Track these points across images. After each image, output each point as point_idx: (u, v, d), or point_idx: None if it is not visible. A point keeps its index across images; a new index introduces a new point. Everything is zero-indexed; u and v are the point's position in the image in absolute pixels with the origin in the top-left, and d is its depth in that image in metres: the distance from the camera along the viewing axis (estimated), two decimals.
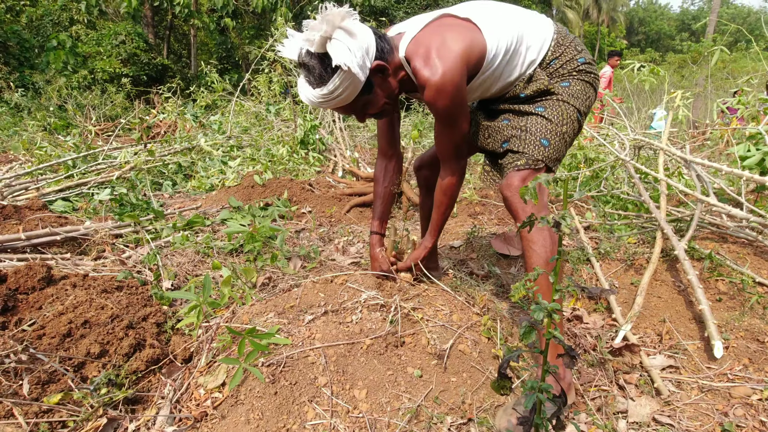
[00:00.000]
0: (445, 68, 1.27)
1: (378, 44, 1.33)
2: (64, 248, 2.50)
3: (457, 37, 1.33)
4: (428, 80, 1.29)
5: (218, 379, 1.32)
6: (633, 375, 1.53)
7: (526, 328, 0.72)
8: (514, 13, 1.46)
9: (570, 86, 1.43)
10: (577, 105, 1.43)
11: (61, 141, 5.04)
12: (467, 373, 1.40)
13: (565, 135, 1.41)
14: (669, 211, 2.44)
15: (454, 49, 1.30)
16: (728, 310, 1.77)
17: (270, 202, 3.25)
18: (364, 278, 1.72)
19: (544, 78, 1.42)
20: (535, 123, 1.40)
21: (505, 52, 1.38)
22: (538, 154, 1.37)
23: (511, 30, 1.39)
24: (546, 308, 0.71)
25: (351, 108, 1.41)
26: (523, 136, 1.40)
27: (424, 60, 1.30)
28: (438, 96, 1.30)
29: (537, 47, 1.43)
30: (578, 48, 1.47)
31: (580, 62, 1.45)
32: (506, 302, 1.92)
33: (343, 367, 1.33)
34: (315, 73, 1.30)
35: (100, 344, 1.34)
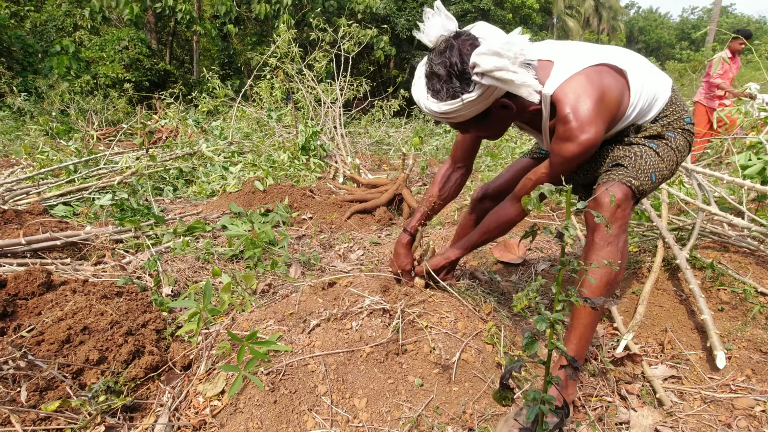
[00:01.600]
0: (597, 129, 1.20)
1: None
2: (65, 253, 2.50)
3: (615, 95, 1.26)
4: (578, 137, 1.20)
5: (217, 387, 1.31)
6: (635, 385, 1.52)
7: (528, 338, 0.72)
8: (654, 74, 1.43)
9: (675, 138, 1.42)
10: (678, 158, 1.42)
11: (63, 146, 5.05)
12: (469, 382, 1.39)
13: (664, 179, 1.39)
14: (670, 220, 2.43)
15: (610, 108, 1.24)
16: (730, 320, 1.77)
17: (271, 208, 3.25)
18: (368, 282, 1.72)
19: (656, 127, 1.41)
20: (648, 154, 1.36)
21: (639, 110, 1.37)
22: (645, 185, 1.32)
23: (650, 91, 1.37)
24: (548, 318, 0.71)
25: (455, 125, 1.34)
26: (636, 160, 1.35)
27: (581, 114, 1.20)
28: (578, 153, 1.22)
29: (658, 105, 1.41)
30: (685, 108, 1.46)
31: (686, 122, 1.44)
32: (508, 310, 1.92)
33: (343, 376, 1.32)
34: (436, 83, 1.21)
35: (99, 351, 1.34)
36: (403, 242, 1.75)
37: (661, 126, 1.42)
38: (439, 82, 1.20)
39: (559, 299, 0.73)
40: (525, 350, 0.72)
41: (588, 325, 1.28)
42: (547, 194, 0.68)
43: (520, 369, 0.76)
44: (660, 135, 1.41)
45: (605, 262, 1.22)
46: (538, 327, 0.69)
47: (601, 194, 1.28)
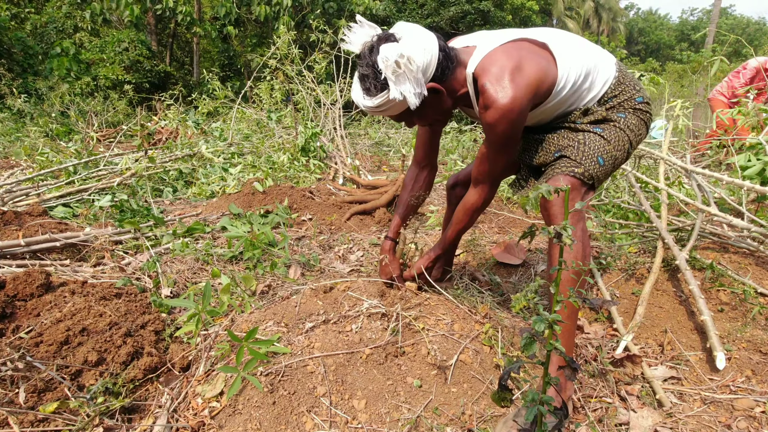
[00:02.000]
0: (515, 93, 1.23)
1: (441, 63, 1.30)
2: (64, 254, 2.49)
3: (533, 63, 1.29)
4: (495, 102, 1.24)
5: (216, 388, 1.31)
6: (634, 386, 1.51)
7: (527, 339, 0.72)
8: (585, 47, 1.45)
9: (626, 118, 1.42)
10: (631, 137, 1.43)
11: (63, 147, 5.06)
12: (468, 383, 1.39)
13: (616, 160, 1.41)
14: (670, 221, 2.43)
15: (528, 75, 1.27)
16: (730, 320, 1.76)
17: (270, 209, 3.25)
18: (366, 286, 1.72)
19: (601, 110, 1.42)
20: (593, 139, 1.39)
21: (572, 84, 1.37)
22: (593, 170, 1.35)
23: (581, 63, 1.38)
24: (547, 319, 0.70)
25: (398, 118, 1.42)
26: (580, 148, 1.38)
27: (496, 80, 1.25)
28: (500, 120, 1.26)
29: (600, 84, 1.42)
30: (636, 87, 1.46)
31: (638, 101, 1.45)
32: (507, 311, 1.91)
33: (342, 377, 1.32)
34: (366, 82, 1.30)
35: (98, 352, 1.34)
36: (386, 249, 1.78)
37: (608, 109, 1.42)
38: (367, 81, 1.29)
39: (557, 300, 0.73)
40: (523, 351, 0.71)
41: (570, 318, 1.31)
42: (546, 195, 0.68)
43: (518, 370, 0.76)
44: (607, 119, 1.41)
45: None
46: (536, 328, 0.69)
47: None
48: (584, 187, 1.36)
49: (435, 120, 1.47)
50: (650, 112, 1.49)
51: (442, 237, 1.69)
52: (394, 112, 1.35)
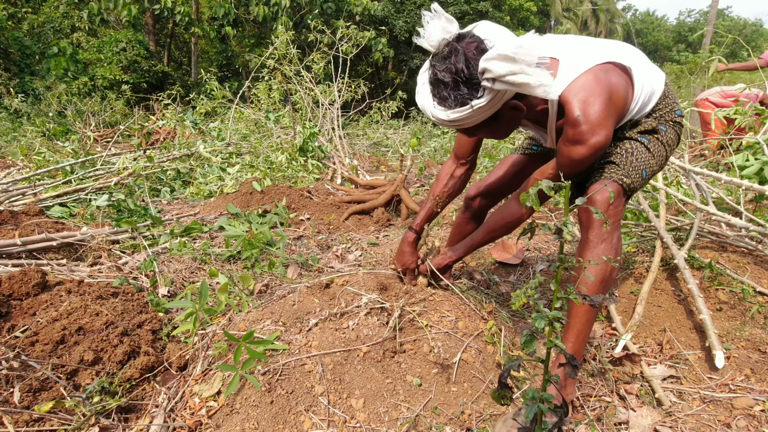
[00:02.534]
0: (608, 132, 1.18)
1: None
2: (60, 254, 2.48)
3: (621, 94, 1.25)
4: (588, 141, 1.18)
5: (214, 388, 1.30)
6: (634, 385, 1.51)
7: (527, 336, 0.71)
8: (653, 68, 1.43)
9: (666, 132, 1.42)
10: (668, 152, 1.43)
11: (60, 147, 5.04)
12: (468, 382, 1.38)
13: (654, 174, 1.41)
14: (668, 220, 2.43)
15: (617, 107, 1.23)
16: (729, 319, 1.76)
17: (269, 209, 3.24)
18: (365, 279, 1.71)
19: (650, 121, 1.41)
20: (639, 150, 1.37)
21: (640, 105, 1.37)
22: (637, 183, 1.33)
23: (650, 85, 1.38)
24: (547, 316, 0.70)
25: (464, 131, 1.31)
26: (628, 158, 1.35)
27: (591, 115, 1.17)
28: (590, 156, 1.20)
29: (654, 100, 1.41)
30: (676, 100, 1.47)
31: (677, 114, 1.46)
32: (508, 310, 1.91)
33: (340, 376, 1.31)
34: (442, 90, 1.17)
35: (94, 351, 1.33)
36: (408, 240, 1.73)
37: (655, 119, 1.42)
38: (445, 90, 1.15)
39: (557, 297, 0.73)
40: (524, 348, 0.71)
41: (585, 323, 1.28)
42: (546, 191, 0.67)
43: (518, 368, 0.75)
44: (654, 129, 1.40)
45: (603, 258, 1.22)
46: (536, 325, 0.68)
47: (593, 190, 1.29)
48: (624, 197, 1.35)
49: (502, 134, 1.36)
50: (683, 126, 1.50)
51: (470, 240, 1.60)
52: (467, 126, 1.22)
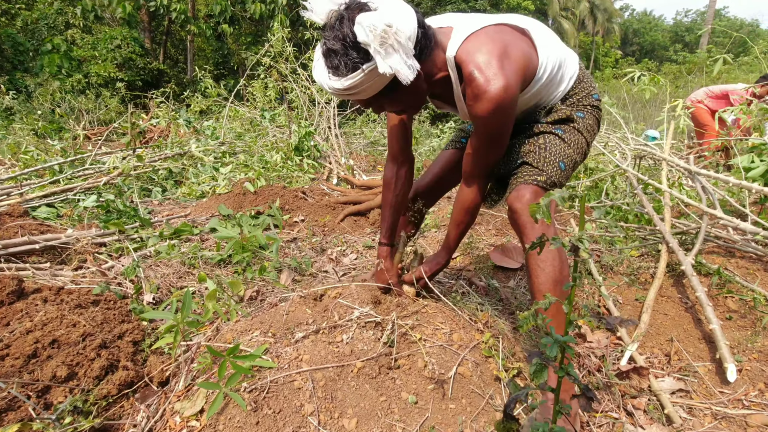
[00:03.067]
0: (507, 81, 1.14)
1: (419, 41, 1.16)
2: (44, 257, 2.39)
3: (518, 49, 1.23)
4: (487, 92, 1.15)
5: (196, 406, 1.22)
6: (641, 400, 1.44)
7: (537, 365, 0.63)
8: (557, 39, 1.42)
9: (584, 118, 1.41)
10: (588, 138, 1.43)
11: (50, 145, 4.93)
12: (467, 398, 1.30)
13: (575, 163, 1.39)
14: (673, 224, 2.36)
15: (516, 60, 1.19)
16: (739, 329, 1.69)
17: (262, 210, 3.15)
18: (358, 292, 1.63)
19: (564, 108, 1.40)
20: (553, 143, 1.35)
21: (549, 74, 1.33)
22: (555, 176, 1.32)
23: (556, 54, 1.35)
24: (560, 342, 0.62)
25: (367, 103, 1.27)
26: (542, 153, 1.34)
27: (485, 67, 1.15)
28: (494, 110, 1.16)
29: (567, 79, 1.40)
30: (593, 84, 1.46)
31: (595, 98, 1.45)
32: (507, 318, 1.83)
33: (331, 393, 1.23)
34: (334, 59, 1.14)
35: (68, 366, 1.24)
36: (383, 254, 1.65)
37: (570, 105, 1.41)
38: (336, 57, 1.13)
39: (570, 321, 0.65)
40: (533, 379, 0.63)
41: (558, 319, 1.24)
42: (559, 202, 0.59)
43: (526, 397, 0.67)
44: (569, 118, 1.38)
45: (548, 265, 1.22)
46: (548, 353, 0.61)
47: (512, 200, 1.29)
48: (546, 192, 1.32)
49: (408, 106, 1.32)
50: (602, 110, 1.49)
51: (447, 241, 1.58)
52: (366, 94, 1.19)
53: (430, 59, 1.23)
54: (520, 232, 1.30)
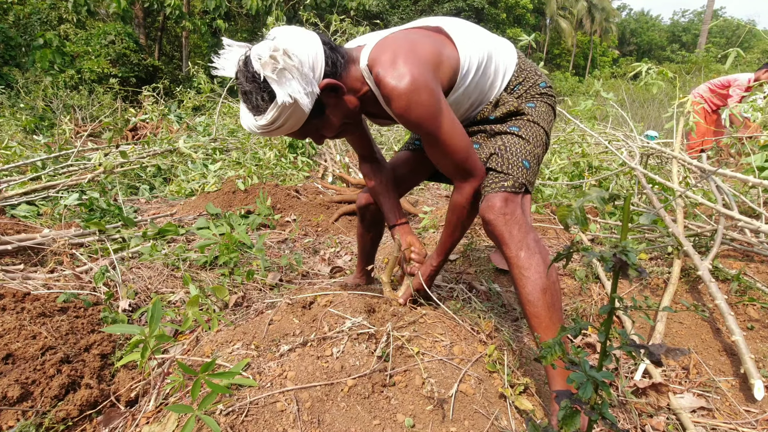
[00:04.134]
0: (412, 73, 1.10)
1: (329, 56, 1.15)
2: (18, 258, 2.24)
3: (426, 44, 1.20)
4: (395, 89, 1.10)
5: (167, 430, 1.08)
6: (660, 419, 1.31)
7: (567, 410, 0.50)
8: (481, 31, 1.38)
9: (536, 107, 1.37)
10: (545, 126, 1.37)
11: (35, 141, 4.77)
12: (469, 419, 1.17)
13: (539, 157, 1.34)
14: (685, 225, 2.23)
15: (422, 53, 1.16)
16: (763, 340, 1.57)
17: (252, 210, 3.01)
18: (350, 300, 1.49)
19: (512, 100, 1.35)
20: (513, 142, 1.31)
21: (477, 68, 1.28)
22: (522, 177, 1.26)
23: (481, 46, 1.31)
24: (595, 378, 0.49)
25: (302, 133, 1.24)
26: (504, 155, 1.29)
27: (389, 66, 1.12)
28: (409, 105, 1.11)
29: (503, 69, 1.37)
30: (538, 73, 1.43)
31: (542, 86, 1.41)
32: (510, 326, 1.71)
33: (318, 416, 1.09)
34: (251, 100, 1.13)
35: (22, 385, 1.10)
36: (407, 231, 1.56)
37: (518, 97, 1.37)
38: (252, 97, 1.13)
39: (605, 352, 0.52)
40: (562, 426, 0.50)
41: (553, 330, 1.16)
42: (597, 203, 0.47)
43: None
44: (519, 111, 1.34)
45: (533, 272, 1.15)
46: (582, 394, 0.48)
47: (483, 211, 1.24)
48: (519, 196, 1.26)
49: (345, 126, 1.28)
50: (555, 96, 1.45)
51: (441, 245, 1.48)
52: (294, 125, 1.16)
53: (348, 74, 1.21)
54: (498, 242, 1.23)
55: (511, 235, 1.19)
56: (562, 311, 1.19)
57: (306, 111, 1.13)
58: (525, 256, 1.17)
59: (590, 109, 3.54)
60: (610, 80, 18.83)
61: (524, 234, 1.19)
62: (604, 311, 0.51)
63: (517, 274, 1.18)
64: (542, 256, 1.18)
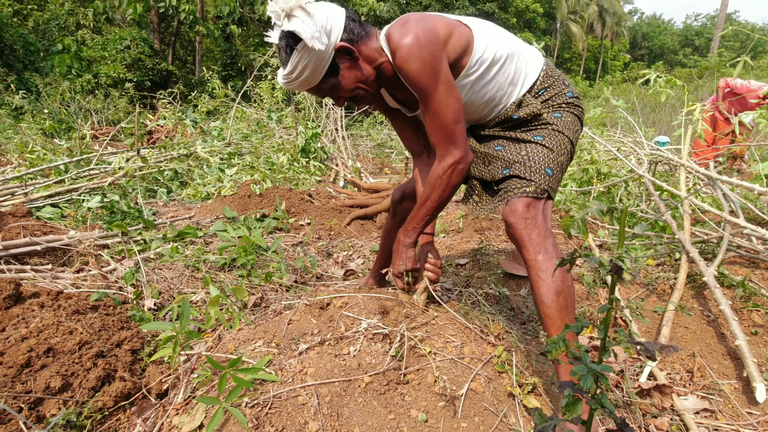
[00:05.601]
0: (417, 32, 1.21)
1: (348, 25, 1.28)
2: (46, 258, 2.35)
3: (440, 19, 1.30)
4: (399, 42, 1.22)
5: (195, 420, 1.16)
6: (663, 420, 1.36)
7: (569, 398, 0.57)
8: (507, 33, 1.45)
9: (562, 117, 1.41)
10: (570, 136, 1.41)
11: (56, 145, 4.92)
12: (479, 416, 1.23)
13: (563, 165, 1.39)
14: (692, 232, 2.27)
15: (432, 23, 1.26)
16: (766, 345, 1.61)
17: (267, 213, 3.10)
18: (365, 302, 1.56)
19: (536, 102, 1.40)
20: (537, 151, 1.37)
21: (494, 60, 1.35)
22: (545, 183, 1.32)
23: (502, 43, 1.38)
24: (594, 371, 0.55)
25: (320, 90, 1.36)
26: (527, 163, 1.35)
27: (399, 27, 1.25)
28: (408, 58, 1.21)
29: (524, 71, 1.42)
30: (566, 83, 1.47)
31: (569, 96, 1.45)
32: (519, 328, 1.76)
33: (338, 410, 1.16)
34: (281, 54, 1.28)
35: (63, 377, 1.19)
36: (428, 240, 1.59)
37: (543, 102, 1.42)
38: (281, 52, 1.28)
39: (605, 347, 0.58)
40: (564, 412, 0.57)
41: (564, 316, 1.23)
42: (596, 214, 0.53)
43: (554, 429, 0.61)
44: (541, 115, 1.39)
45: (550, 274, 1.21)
46: (582, 384, 0.54)
47: (506, 215, 1.30)
48: (541, 201, 1.31)
49: (359, 90, 1.36)
50: (582, 107, 1.49)
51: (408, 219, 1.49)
52: (311, 77, 1.29)
53: (367, 45, 1.32)
54: (518, 245, 1.29)
55: (530, 238, 1.25)
56: (574, 314, 1.25)
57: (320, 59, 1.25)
58: (542, 260, 1.23)
59: (600, 116, 3.58)
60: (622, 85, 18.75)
61: (543, 238, 1.25)
62: (603, 310, 0.57)
63: (534, 276, 1.24)
64: (558, 258, 1.24)
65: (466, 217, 3.21)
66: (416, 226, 1.47)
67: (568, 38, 36.18)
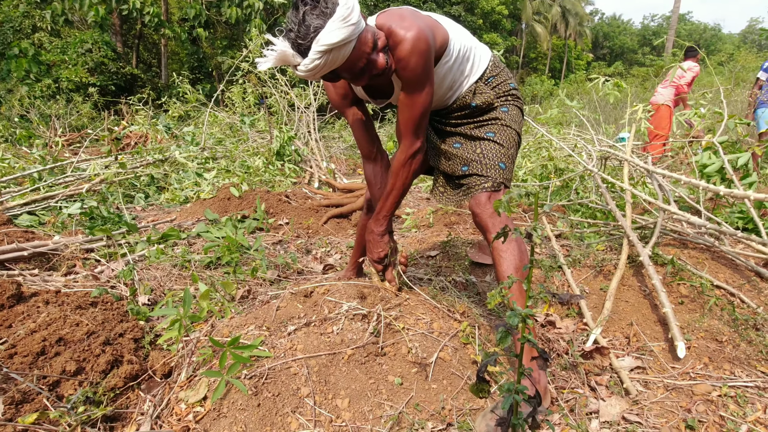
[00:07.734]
0: (419, 26, 1.33)
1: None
2: (32, 264, 2.42)
3: (431, 20, 1.47)
4: (404, 36, 1.32)
5: (200, 393, 1.32)
6: (603, 376, 1.60)
7: (502, 333, 0.77)
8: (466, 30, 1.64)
9: (509, 111, 1.62)
10: (516, 128, 1.62)
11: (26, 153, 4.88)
12: (447, 379, 1.44)
13: (513, 156, 1.61)
14: (634, 219, 2.56)
15: (424, 18, 1.41)
16: (689, 312, 1.88)
17: (247, 215, 3.23)
18: (345, 289, 1.75)
19: (488, 92, 1.59)
20: (490, 148, 1.57)
21: (460, 51, 1.52)
22: (499, 177, 1.54)
23: (465, 36, 1.57)
24: (520, 314, 0.76)
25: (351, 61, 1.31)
26: (483, 161, 1.56)
27: (400, 20, 1.35)
28: (413, 51, 1.32)
29: (479, 60, 1.60)
30: (509, 74, 1.67)
31: (511, 86, 1.64)
32: (483, 309, 1.98)
33: (325, 377, 1.35)
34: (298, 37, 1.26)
35: (76, 362, 1.32)
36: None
37: (492, 88, 1.60)
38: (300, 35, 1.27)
39: (530, 296, 0.79)
40: (499, 344, 0.76)
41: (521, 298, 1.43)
42: (516, 198, 0.73)
43: (495, 362, 0.80)
44: (494, 113, 1.59)
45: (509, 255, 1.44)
46: (510, 322, 0.74)
47: (471, 206, 1.54)
48: (499, 192, 1.54)
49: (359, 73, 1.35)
50: (521, 98, 1.69)
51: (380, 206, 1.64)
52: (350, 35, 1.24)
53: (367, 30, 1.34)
54: (483, 230, 1.53)
55: (493, 224, 1.48)
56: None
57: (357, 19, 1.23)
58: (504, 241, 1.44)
59: (556, 116, 3.87)
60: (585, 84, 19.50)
61: (503, 224, 1.45)
62: (526, 268, 0.78)
63: (496, 255, 1.47)
64: (517, 242, 1.47)
65: (436, 212, 3.43)
66: (386, 214, 1.63)
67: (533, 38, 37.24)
